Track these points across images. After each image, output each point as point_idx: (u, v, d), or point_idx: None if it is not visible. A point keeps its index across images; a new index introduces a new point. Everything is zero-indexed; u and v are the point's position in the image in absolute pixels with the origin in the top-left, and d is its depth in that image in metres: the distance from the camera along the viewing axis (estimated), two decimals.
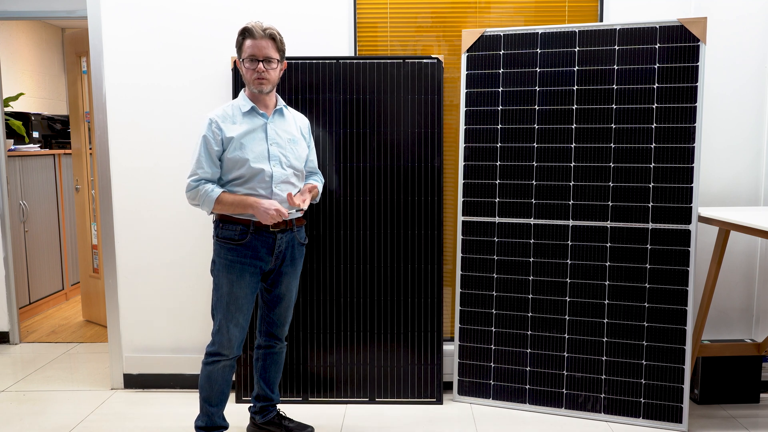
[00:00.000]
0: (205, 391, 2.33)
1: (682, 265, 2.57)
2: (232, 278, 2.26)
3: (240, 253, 2.26)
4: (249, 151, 2.24)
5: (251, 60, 2.24)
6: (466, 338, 2.84)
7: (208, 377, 2.31)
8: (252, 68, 2.25)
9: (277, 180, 2.27)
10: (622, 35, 2.59)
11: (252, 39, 2.23)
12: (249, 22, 2.26)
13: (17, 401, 2.92)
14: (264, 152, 2.26)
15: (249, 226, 2.26)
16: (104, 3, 2.88)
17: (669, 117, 2.56)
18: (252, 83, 2.27)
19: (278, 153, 2.29)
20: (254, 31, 2.23)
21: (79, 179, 4.24)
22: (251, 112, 2.29)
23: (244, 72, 2.28)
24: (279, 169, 2.28)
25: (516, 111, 2.73)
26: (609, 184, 2.64)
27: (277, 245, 2.30)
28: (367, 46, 2.92)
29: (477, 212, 2.80)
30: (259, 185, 2.25)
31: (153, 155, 2.94)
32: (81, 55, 4.01)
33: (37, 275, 4.32)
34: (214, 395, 2.33)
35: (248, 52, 2.24)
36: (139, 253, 2.99)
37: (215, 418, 2.36)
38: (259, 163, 2.24)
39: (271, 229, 2.28)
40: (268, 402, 2.53)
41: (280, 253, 2.33)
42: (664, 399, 2.61)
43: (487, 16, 2.88)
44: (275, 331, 2.45)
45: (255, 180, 2.24)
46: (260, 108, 2.31)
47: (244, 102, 2.30)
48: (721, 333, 2.98)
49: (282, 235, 2.31)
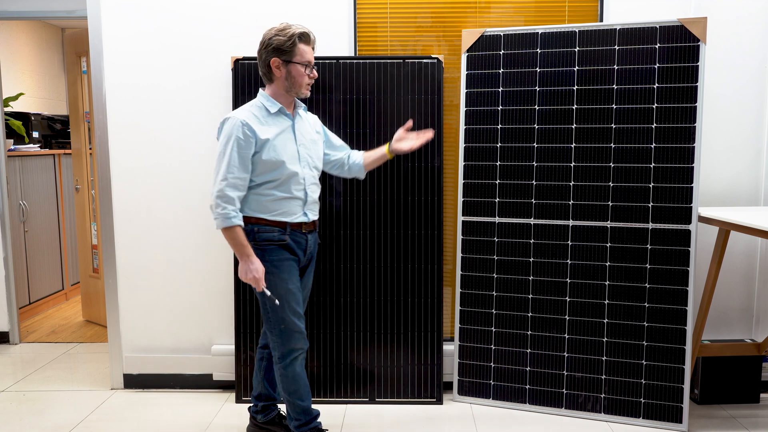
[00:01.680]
0: (294, 391, 2.31)
1: (682, 265, 2.57)
2: (284, 276, 2.27)
3: (282, 252, 2.28)
4: (282, 153, 2.23)
5: (308, 66, 2.27)
6: (466, 338, 2.84)
7: (293, 378, 2.30)
8: (309, 74, 2.27)
9: (309, 182, 2.31)
10: (622, 35, 2.59)
11: (307, 45, 2.26)
12: (300, 27, 2.24)
13: (17, 401, 2.92)
14: (295, 154, 2.27)
15: (285, 227, 2.28)
16: (104, 3, 2.88)
17: (669, 117, 2.56)
18: (304, 87, 2.28)
19: (306, 154, 2.32)
20: (310, 37, 2.26)
21: (79, 179, 4.24)
22: (279, 113, 2.29)
23: (296, 75, 2.25)
24: (308, 170, 2.32)
25: (516, 111, 2.73)
26: (609, 184, 2.64)
27: (308, 245, 2.36)
28: (367, 46, 2.92)
29: (477, 212, 2.80)
30: (295, 187, 2.27)
31: (153, 155, 2.94)
32: (81, 55, 4.01)
33: (37, 275, 4.32)
34: (302, 390, 2.32)
35: (306, 57, 2.25)
36: (139, 253, 2.99)
37: (309, 409, 2.35)
38: (293, 165, 2.25)
39: (303, 231, 2.32)
40: (271, 401, 2.53)
41: (308, 253, 2.39)
42: (664, 399, 2.61)
43: (487, 16, 2.88)
44: None
45: (290, 182, 2.26)
46: (287, 109, 2.31)
47: (270, 103, 2.27)
48: (721, 333, 2.98)
49: (311, 236, 2.37)
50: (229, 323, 3.00)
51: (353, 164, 2.52)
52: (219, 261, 2.97)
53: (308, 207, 2.32)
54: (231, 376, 2.97)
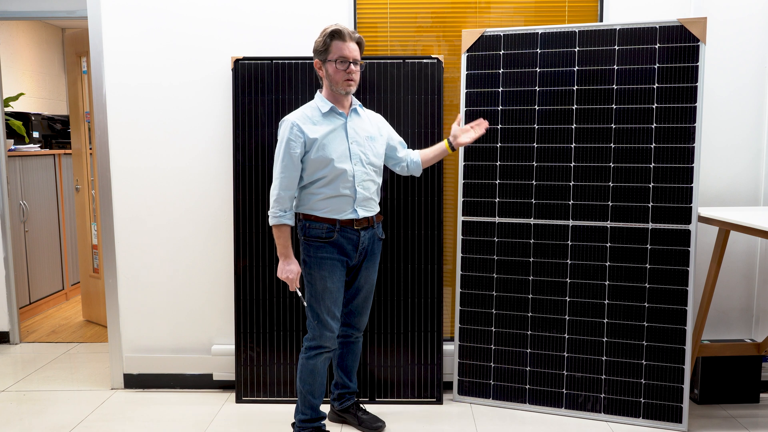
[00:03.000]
0: (309, 384, 2.38)
1: (682, 265, 2.57)
2: (325, 274, 2.34)
3: (329, 250, 2.33)
4: (332, 151, 2.29)
5: (343, 61, 2.28)
6: (466, 338, 2.84)
7: (312, 371, 2.37)
8: (343, 69, 2.29)
9: (359, 179, 2.34)
10: (622, 35, 2.59)
11: (342, 41, 2.28)
12: (336, 25, 2.29)
13: (17, 401, 2.92)
14: (345, 151, 2.32)
15: (335, 224, 2.33)
16: (104, 3, 2.88)
17: (669, 117, 2.56)
18: (341, 84, 2.31)
19: (359, 151, 2.35)
20: (344, 34, 2.28)
21: (79, 179, 4.24)
22: (331, 113, 2.34)
23: (333, 72, 2.30)
24: (360, 167, 2.34)
25: (516, 111, 2.73)
26: (609, 184, 2.64)
27: (361, 242, 2.39)
28: (367, 46, 2.91)
29: (477, 212, 2.80)
30: (343, 185, 2.31)
31: (153, 155, 2.94)
32: (81, 55, 4.01)
33: (37, 275, 4.32)
34: (317, 387, 2.39)
35: (339, 53, 2.28)
36: (139, 253, 2.99)
37: (317, 409, 2.43)
38: (342, 163, 2.30)
39: (355, 227, 2.35)
40: (345, 389, 2.63)
41: (363, 249, 2.42)
42: (664, 399, 2.61)
43: (487, 16, 2.88)
44: (352, 321, 2.53)
45: (339, 180, 2.31)
46: (339, 108, 2.35)
47: (323, 103, 2.35)
48: (721, 333, 2.98)
49: (365, 232, 2.40)
50: (229, 323, 3.00)
51: (411, 162, 2.57)
52: (219, 261, 2.97)
53: (359, 204, 2.35)
54: (231, 376, 2.97)
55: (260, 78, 2.81)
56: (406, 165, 2.57)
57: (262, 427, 2.63)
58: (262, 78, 2.81)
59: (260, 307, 2.86)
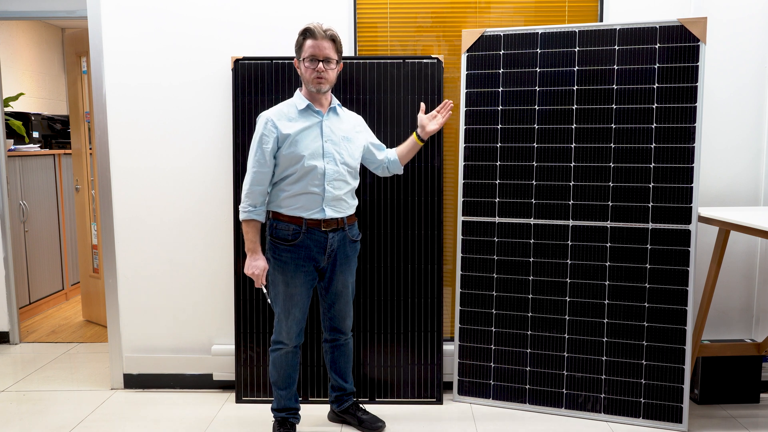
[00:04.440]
0: (273, 376, 2.48)
1: (682, 265, 2.57)
2: (287, 278, 2.35)
3: (294, 253, 2.33)
4: (304, 148, 2.30)
5: (311, 60, 2.30)
6: (466, 338, 2.84)
7: (273, 363, 2.46)
8: (312, 68, 2.30)
9: (330, 177, 2.33)
10: (622, 35, 2.59)
11: (313, 39, 2.29)
12: (310, 23, 2.32)
13: (17, 401, 2.92)
14: (319, 149, 2.32)
15: (302, 225, 2.32)
16: (104, 3, 2.88)
17: (669, 117, 2.56)
18: (311, 82, 2.32)
19: (332, 150, 2.35)
20: (315, 32, 2.29)
21: (79, 179, 4.24)
22: (307, 110, 2.36)
23: (303, 71, 2.34)
24: (332, 166, 2.34)
25: (516, 111, 2.73)
26: (609, 184, 2.64)
27: (329, 244, 2.37)
28: (367, 46, 2.92)
29: (477, 212, 2.80)
30: (312, 182, 2.31)
31: (153, 155, 2.94)
32: (81, 55, 4.01)
33: (37, 275, 4.32)
34: (280, 379, 2.46)
35: (309, 51, 2.30)
36: (139, 253, 2.99)
37: (284, 400, 2.49)
38: (313, 160, 2.30)
39: (322, 229, 2.34)
40: (342, 391, 2.63)
41: (332, 252, 2.40)
42: (664, 399, 2.61)
43: (487, 16, 2.88)
44: (338, 326, 2.54)
45: (308, 177, 2.31)
46: (316, 106, 2.37)
47: (300, 100, 2.37)
48: (721, 333, 2.98)
49: (333, 234, 2.38)
50: (229, 323, 3.00)
51: (390, 162, 2.59)
52: (219, 261, 2.97)
53: (328, 203, 2.34)
54: (231, 376, 2.97)
55: (260, 78, 2.81)
56: (387, 166, 2.59)
57: (262, 427, 2.63)
58: (262, 78, 2.81)
59: (260, 307, 2.86)
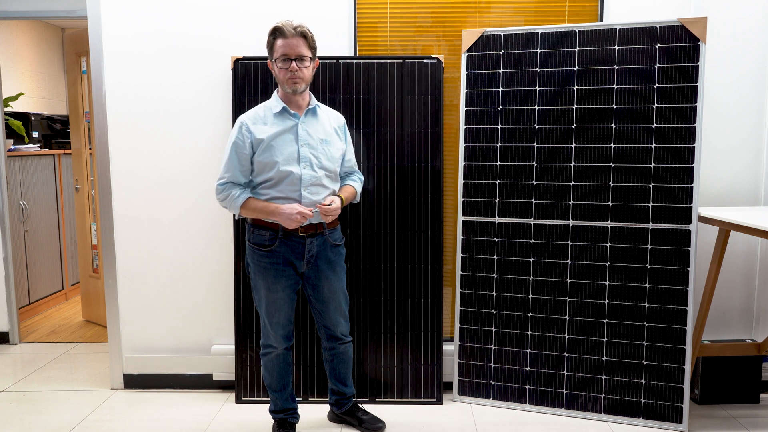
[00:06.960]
0: (267, 380, 2.48)
1: (682, 265, 2.57)
2: (268, 283, 2.32)
3: (271, 259, 2.30)
4: (278, 153, 2.24)
5: (284, 59, 2.22)
6: (466, 338, 2.84)
7: (265, 367, 2.46)
8: (285, 68, 2.23)
9: (306, 183, 2.27)
10: (622, 35, 2.59)
11: (283, 38, 2.22)
12: (279, 21, 2.24)
13: (17, 401, 2.92)
14: (294, 154, 2.26)
15: (278, 231, 2.28)
16: (104, 3, 2.88)
17: (669, 117, 2.56)
18: (286, 83, 2.25)
19: (309, 154, 2.28)
20: (285, 30, 2.21)
21: (79, 179, 4.24)
22: (282, 113, 2.29)
23: (277, 72, 2.26)
24: (309, 171, 2.27)
25: (516, 111, 2.73)
26: (609, 184, 2.64)
27: (307, 249, 2.32)
28: (367, 47, 2.91)
29: (477, 212, 2.80)
30: (289, 188, 2.26)
31: (153, 155, 2.94)
32: (81, 55, 4.01)
33: (37, 275, 4.32)
34: (274, 382, 2.46)
35: (280, 51, 2.22)
36: (139, 253, 2.99)
37: (280, 402, 2.49)
38: (288, 166, 2.24)
39: (300, 234, 2.29)
40: (342, 396, 2.62)
41: (311, 257, 2.35)
42: (664, 399, 2.61)
43: (487, 16, 2.88)
44: (334, 333, 2.51)
45: (284, 182, 2.25)
46: (292, 108, 2.30)
47: (276, 103, 2.30)
48: (721, 333, 2.98)
49: (312, 239, 2.32)
50: (229, 323, 3.00)
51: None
52: (219, 261, 2.97)
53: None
54: (231, 376, 2.97)
55: (260, 78, 2.81)
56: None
57: (262, 427, 2.63)
58: (262, 78, 2.81)
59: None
